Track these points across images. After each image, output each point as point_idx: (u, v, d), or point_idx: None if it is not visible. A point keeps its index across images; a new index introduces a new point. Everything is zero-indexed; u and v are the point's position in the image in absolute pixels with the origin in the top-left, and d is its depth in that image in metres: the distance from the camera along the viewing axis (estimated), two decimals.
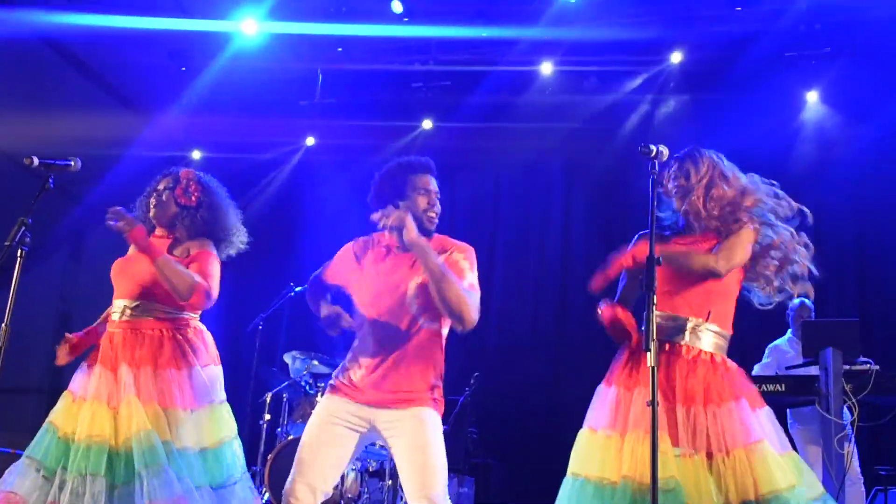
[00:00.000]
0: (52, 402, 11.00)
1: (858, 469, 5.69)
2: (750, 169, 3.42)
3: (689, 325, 3.12)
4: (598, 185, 8.96)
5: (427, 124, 9.54)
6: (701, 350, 3.11)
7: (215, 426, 3.55)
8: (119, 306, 3.66)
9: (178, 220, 3.75)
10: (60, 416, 3.47)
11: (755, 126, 8.19)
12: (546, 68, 8.76)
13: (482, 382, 7.33)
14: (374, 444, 6.55)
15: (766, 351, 6.21)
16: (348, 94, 9.49)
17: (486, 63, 8.80)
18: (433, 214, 3.36)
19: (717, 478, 2.91)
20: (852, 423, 4.92)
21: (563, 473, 3.17)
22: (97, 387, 3.46)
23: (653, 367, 2.64)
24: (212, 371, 3.66)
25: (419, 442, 3.16)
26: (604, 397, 3.18)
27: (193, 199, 3.74)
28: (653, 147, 2.89)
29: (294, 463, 3.24)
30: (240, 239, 3.89)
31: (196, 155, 10.06)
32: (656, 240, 3.16)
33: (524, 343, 8.81)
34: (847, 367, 5.01)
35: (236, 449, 3.62)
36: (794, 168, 8.09)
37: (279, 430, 6.78)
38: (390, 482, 6.24)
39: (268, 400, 6.80)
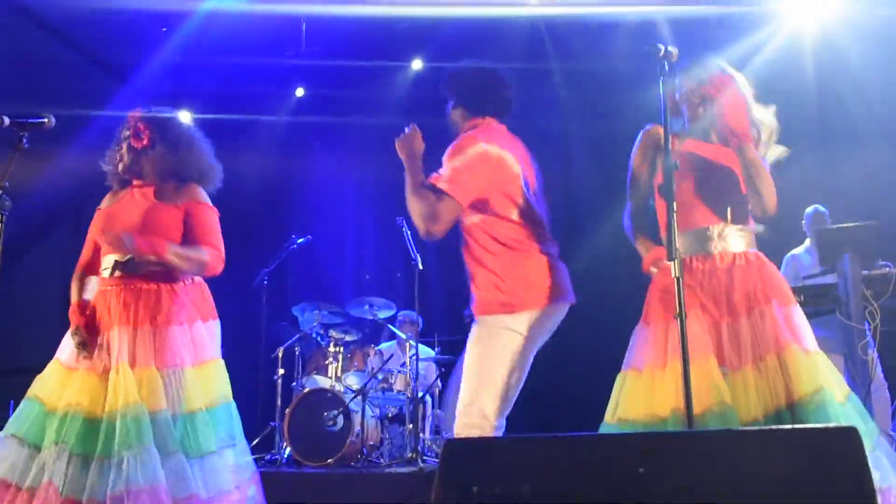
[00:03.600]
0: None
1: (882, 375, 5.61)
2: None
3: (714, 233, 3.01)
4: (599, 116, 8.77)
5: (416, 64, 9.34)
6: (735, 254, 3.01)
7: (220, 383, 3.41)
8: (110, 262, 3.46)
9: (142, 165, 3.56)
10: (44, 387, 3.30)
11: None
12: None
13: None
14: (391, 389, 6.51)
15: (784, 261, 6.10)
16: (334, 42, 9.27)
17: None
18: None
19: (756, 388, 2.81)
20: (874, 329, 4.83)
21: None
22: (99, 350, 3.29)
23: (678, 279, 2.51)
24: (213, 326, 3.50)
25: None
26: (642, 337, 3.06)
27: (145, 139, 3.54)
28: (661, 46, 2.72)
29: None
30: (215, 172, 3.68)
31: (185, 117, 9.88)
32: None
33: None
34: (866, 272, 4.90)
35: (234, 411, 3.44)
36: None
37: (294, 384, 6.71)
38: (410, 426, 6.19)
39: (280, 355, 6.70)
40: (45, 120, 3.09)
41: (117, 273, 3.42)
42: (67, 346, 3.38)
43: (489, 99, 3.49)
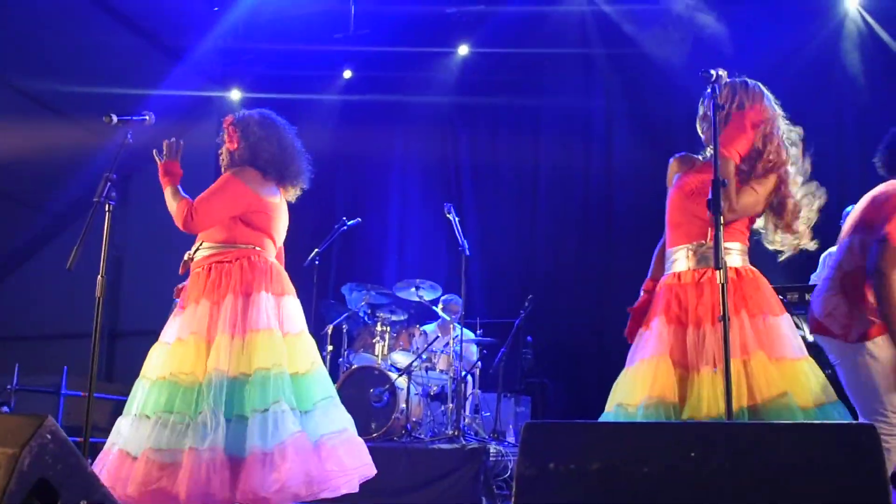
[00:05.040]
0: (112, 346, 11.10)
1: None
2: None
3: (691, 252, 3.26)
4: (645, 112, 8.89)
5: (463, 50, 9.54)
6: (708, 269, 3.23)
7: (251, 354, 3.57)
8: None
9: (233, 164, 3.86)
10: (151, 367, 3.62)
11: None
12: None
13: (533, 305, 7.46)
14: (434, 369, 6.80)
15: (821, 259, 6.25)
16: (383, 25, 9.47)
17: None
18: None
19: (711, 388, 3.05)
20: None
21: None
22: (177, 328, 3.64)
23: (722, 285, 2.76)
24: (256, 299, 3.68)
25: None
26: (638, 339, 3.36)
27: (235, 142, 3.83)
28: (713, 71, 2.95)
29: None
30: (302, 168, 3.98)
31: (235, 95, 10.18)
32: (688, 167, 3.31)
33: (572, 265, 8.92)
34: None
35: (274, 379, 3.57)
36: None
37: (341, 360, 7.01)
38: (452, 405, 6.46)
39: (329, 332, 7.01)
40: (147, 117, 3.41)
41: (184, 262, 3.80)
42: (173, 325, 3.70)
43: None
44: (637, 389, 3.12)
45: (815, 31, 8.16)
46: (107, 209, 3.23)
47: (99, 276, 3.22)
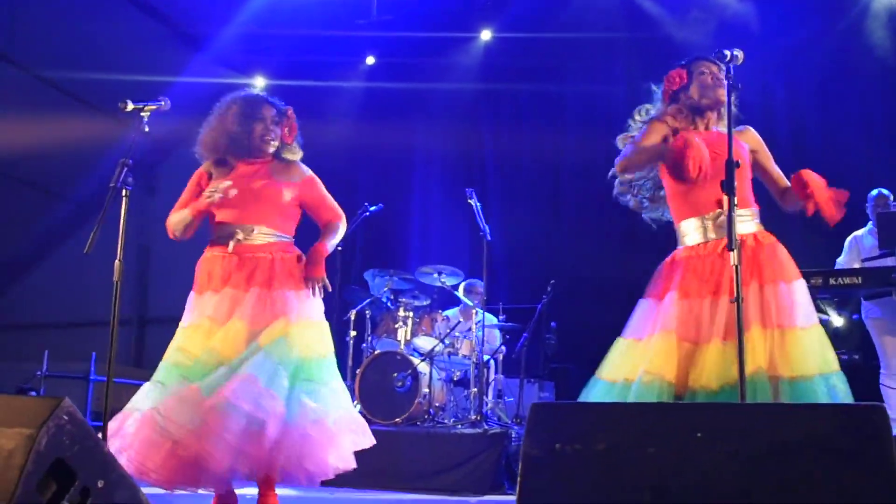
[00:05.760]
0: (141, 333, 11.21)
1: None
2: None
3: (709, 222, 3.23)
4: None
5: (486, 35, 9.50)
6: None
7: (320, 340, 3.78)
8: (228, 231, 3.73)
9: (274, 151, 3.90)
10: (191, 343, 3.62)
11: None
12: None
13: (555, 290, 7.44)
14: (456, 354, 6.81)
15: (846, 242, 6.18)
16: (405, 10, 9.45)
17: None
18: None
19: (720, 360, 3.02)
20: None
21: None
22: (224, 308, 3.63)
23: (736, 266, 2.73)
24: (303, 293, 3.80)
25: None
26: (644, 309, 3.34)
27: (292, 138, 3.92)
28: (727, 52, 2.92)
29: None
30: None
31: (259, 82, 10.21)
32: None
33: (594, 249, 8.87)
34: None
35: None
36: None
37: (364, 345, 7.04)
38: (475, 390, 6.47)
39: (352, 317, 7.05)
40: (162, 103, 3.43)
41: (237, 242, 3.71)
42: (196, 310, 3.73)
43: None
44: (639, 365, 3.11)
45: (842, 11, 8.04)
46: (123, 194, 3.26)
47: (116, 261, 3.24)
